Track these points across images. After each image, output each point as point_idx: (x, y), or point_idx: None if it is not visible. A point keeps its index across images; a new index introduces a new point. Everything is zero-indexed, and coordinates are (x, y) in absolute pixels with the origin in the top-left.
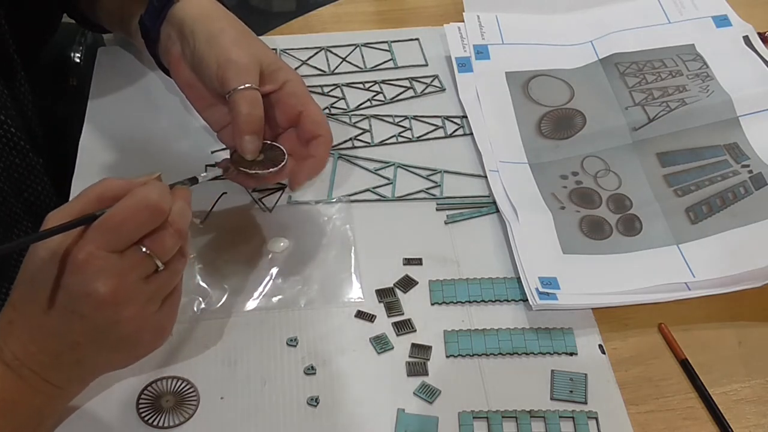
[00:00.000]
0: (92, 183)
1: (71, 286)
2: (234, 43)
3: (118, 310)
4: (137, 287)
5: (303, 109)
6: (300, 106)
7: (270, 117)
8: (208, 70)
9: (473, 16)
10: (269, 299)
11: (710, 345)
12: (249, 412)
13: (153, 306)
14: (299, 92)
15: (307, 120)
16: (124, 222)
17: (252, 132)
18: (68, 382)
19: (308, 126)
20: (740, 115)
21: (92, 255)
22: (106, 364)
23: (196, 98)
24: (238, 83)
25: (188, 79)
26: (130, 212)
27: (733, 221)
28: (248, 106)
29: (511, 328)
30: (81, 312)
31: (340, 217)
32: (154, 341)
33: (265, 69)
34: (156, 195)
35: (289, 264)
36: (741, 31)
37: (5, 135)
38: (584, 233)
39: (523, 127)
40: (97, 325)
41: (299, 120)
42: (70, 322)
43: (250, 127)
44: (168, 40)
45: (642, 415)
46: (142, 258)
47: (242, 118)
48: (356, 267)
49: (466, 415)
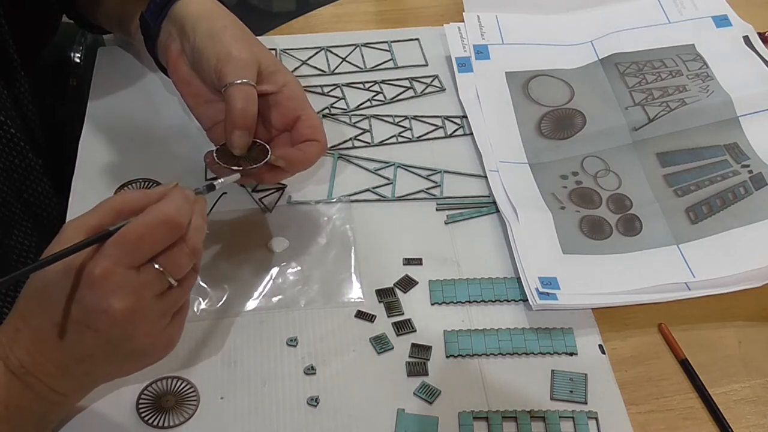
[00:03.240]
0: (92, 183)
1: (86, 300)
2: (235, 39)
3: (133, 327)
4: (152, 304)
5: (301, 113)
6: (298, 109)
7: (266, 119)
8: (207, 65)
9: (473, 16)
10: (269, 299)
11: (710, 345)
12: (249, 412)
13: (165, 321)
14: (298, 96)
15: (304, 124)
16: (142, 238)
17: (243, 127)
18: (74, 391)
19: (304, 130)
20: (740, 115)
21: (109, 271)
22: (114, 374)
23: (192, 95)
24: (235, 77)
25: (185, 75)
26: (148, 228)
27: (733, 221)
28: (243, 100)
29: (511, 328)
30: (95, 327)
31: (340, 217)
32: (163, 351)
33: (264, 70)
34: (174, 210)
35: (289, 264)
36: (741, 31)
37: (5, 136)
38: (584, 233)
39: (523, 127)
40: (110, 339)
41: (296, 123)
42: (82, 336)
43: (243, 122)
44: (168, 37)
45: (642, 415)
46: (157, 275)
47: (236, 112)
48: (356, 267)
49: (466, 415)
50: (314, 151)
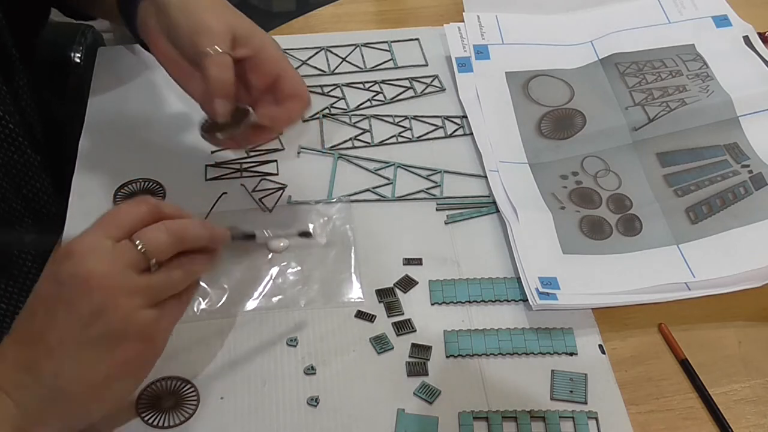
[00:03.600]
0: (92, 182)
1: (61, 270)
2: (206, 9)
3: (104, 297)
4: (126, 276)
5: (281, 72)
6: (278, 69)
7: (247, 82)
8: (181, 39)
9: (473, 16)
10: (269, 299)
11: (710, 345)
12: (249, 412)
13: (139, 299)
14: (276, 56)
15: (285, 83)
16: (119, 211)
17: (222, 96)
18: (34, 409)
19: (286, 88)
20: (740, 115)
21: (85, 239)
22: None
23: (176, 71)
24: (209, 47)
25: (166, 51)
26: (127, 206)
27: (733, 221)
28: (217, 69)
29: (511, 328)
30: (67, 297)
31: (340, 217)
32: (140, 350)
33: (239, 35)
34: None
35: (289, 264)
36: (741, 31)
37: (3, 131)
38: (584, 233)
39: (523, 127)
40: (81, 315)
41: (277, 83)
42: (54, 313)
43: (220, 90)
44: (146, 14)
45: (642, 415)
46: (132, 247)
47: (212, 81)
48: (356, 267)
49: (466, 415)
50: (297, 106)
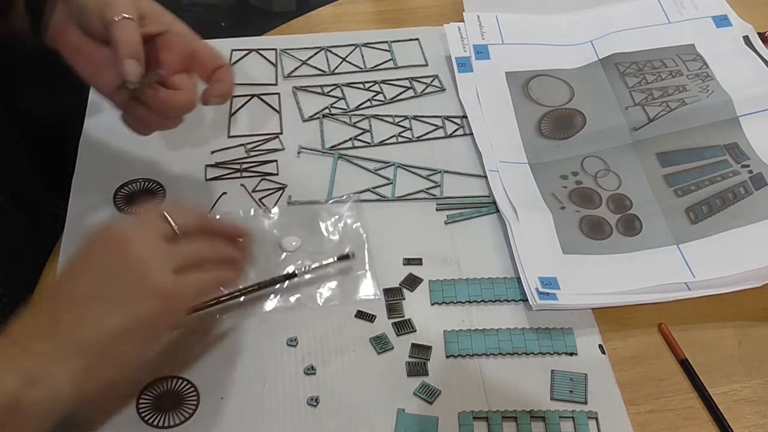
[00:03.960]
0: (92, 183)
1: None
2: None
3: (128, 251)
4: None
5: (194, 47)
6: (191, 44)
7: (163, 62)
8: (91, 18)
9: (473, 16)
10: (287, 299)
11: (710, 345)
12: (249, 412)
13: (162, 260)
14: (186, 32)
15: (203, 55)
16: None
17: (130, 55)
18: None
19: (206, 61)
20: (740, 115)
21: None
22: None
23: (88, 63)
24: (115, 14)
25: (77, 42)
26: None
27: (733, 221)
28: (124, 32)
29: (511, 328)
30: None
31: (351, 215)
32: (156, 309)
33: (147, 12)
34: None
35: (303, 263)
36: (741, 31)
37: None
38: (584, 233)
39: (523, 127)
40: (104, 269)
41: (194, 58)
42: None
43: (127, 50)
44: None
45: (642, 415)
46: (163, 221)
47: (119, 43)
48: (371, 264)
49: (466, 415)
50: (227, 74)
